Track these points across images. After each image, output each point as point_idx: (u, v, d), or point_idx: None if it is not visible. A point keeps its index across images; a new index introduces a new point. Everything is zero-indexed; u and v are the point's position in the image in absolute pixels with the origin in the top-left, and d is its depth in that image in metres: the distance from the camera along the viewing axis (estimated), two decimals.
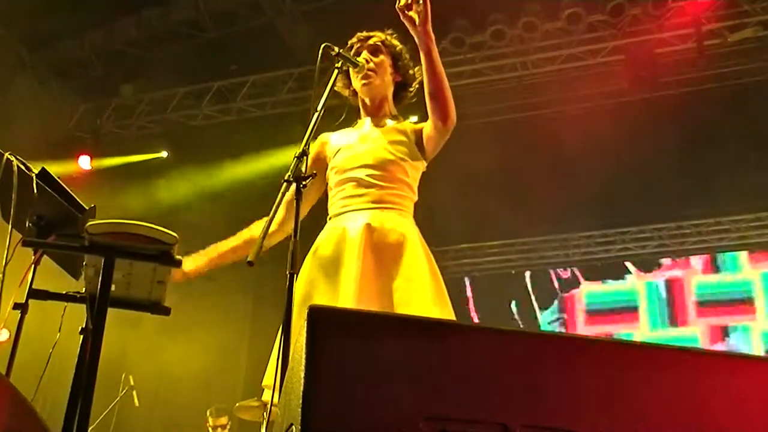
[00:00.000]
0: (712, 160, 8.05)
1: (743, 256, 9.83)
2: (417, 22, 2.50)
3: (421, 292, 2.49)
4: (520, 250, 10.31)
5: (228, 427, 6.81)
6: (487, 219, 8.84)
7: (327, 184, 2.86)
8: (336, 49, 2.60)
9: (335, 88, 2.73)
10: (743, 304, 9.56)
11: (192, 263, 2.78)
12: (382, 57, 2.84)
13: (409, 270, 2.54)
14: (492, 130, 8.10)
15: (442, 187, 6.75)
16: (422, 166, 2.84)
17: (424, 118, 2.76)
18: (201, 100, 8.88)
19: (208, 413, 6.87)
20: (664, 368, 1.42)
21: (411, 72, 2.90)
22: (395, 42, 2.89)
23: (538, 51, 7.79)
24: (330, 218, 2.77)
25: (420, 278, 2.53)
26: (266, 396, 2.66)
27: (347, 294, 2.47)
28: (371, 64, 2.80)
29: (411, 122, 2.88)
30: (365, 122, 2.89)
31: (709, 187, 8.38)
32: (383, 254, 2.58)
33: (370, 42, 2.85)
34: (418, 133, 2.80)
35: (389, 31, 2.88)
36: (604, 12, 7.38)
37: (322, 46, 2.54)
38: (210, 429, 6.79)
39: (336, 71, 2.63)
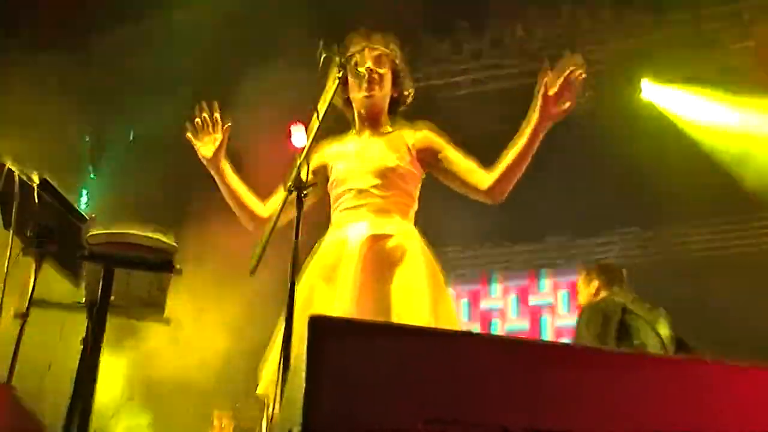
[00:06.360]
0: None
1: None
2: (558, 110, 2.49)
3: (418, 300, 2.47)
4: (522, 252, 10.24)
5: (230, 417, 6.88)
6: (486, 224, 8.80)
7: (327, 193, 2.79)
8: (337, 59, 2.54)
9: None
10: None
11: (225, 165, 2.76)
12: (386, 69, 2.75)
13: (407, 277, 2.52)
14: (492, 134, 8.05)
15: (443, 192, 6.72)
16: (421, 174, 2.78)
17: None
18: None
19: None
20: (663, 375, 1.43)
21: (406, 92, 2.84)
22: (397, 57, 2.79)
23: (538, 56, 7.80)
24: (332, 226, 2.74)
25: (418, 285, 2.51)
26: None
27: (344, 299, 2.46)
28: (375, 75, 2.72)
29: (411, 130, 2.79)
30: (362, 132, 2.81)
31: None
32: (382, 260, 2.56)
33: (375, 53, 2.74)
34: (420, 146, 2.75)
35: (392, 46, 2.79)
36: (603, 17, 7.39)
37: (322, 52, 2.50)
38: (215, 420, 6.89)
39: (337, 79, 2.56)
